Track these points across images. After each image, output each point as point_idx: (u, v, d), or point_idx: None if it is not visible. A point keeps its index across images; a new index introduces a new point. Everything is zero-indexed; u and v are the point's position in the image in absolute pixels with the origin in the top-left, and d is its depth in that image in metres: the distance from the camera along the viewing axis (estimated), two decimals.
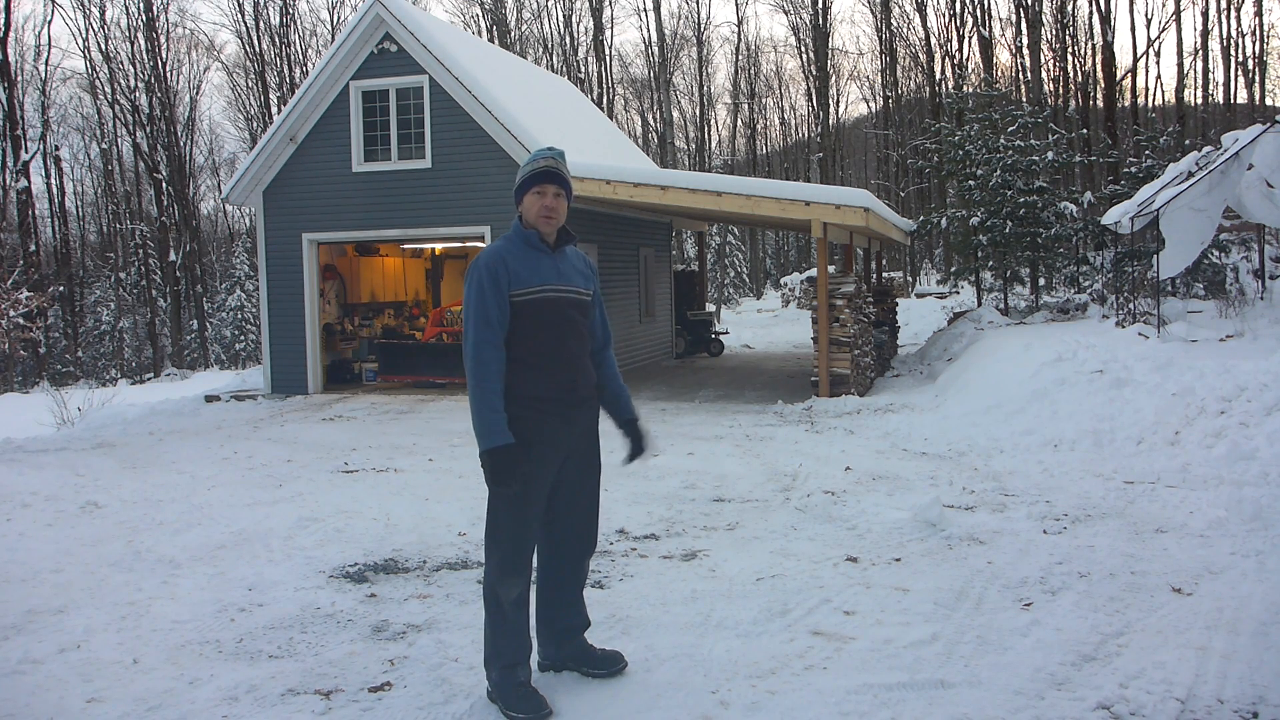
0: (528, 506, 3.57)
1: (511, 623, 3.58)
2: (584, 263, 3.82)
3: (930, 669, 3.84)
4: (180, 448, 9.96)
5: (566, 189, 3.69)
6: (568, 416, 3.60)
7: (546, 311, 3.56)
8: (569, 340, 3.62)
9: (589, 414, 3.73)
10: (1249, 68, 38.18)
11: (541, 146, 14.30)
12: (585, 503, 3.78)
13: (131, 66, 39.99)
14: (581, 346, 3.68)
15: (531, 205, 3.63)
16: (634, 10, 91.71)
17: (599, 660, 3.85)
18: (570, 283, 3.67)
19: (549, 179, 3.63)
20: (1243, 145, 10.65)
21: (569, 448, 3.65)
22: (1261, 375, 7.80)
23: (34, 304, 24.80)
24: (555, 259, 3.67)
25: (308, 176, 14.73)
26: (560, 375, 3.59)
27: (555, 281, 3.61)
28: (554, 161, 3.65)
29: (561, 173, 3.65)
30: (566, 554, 3.78)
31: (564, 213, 3.69)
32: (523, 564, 3.60)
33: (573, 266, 3.72)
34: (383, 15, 13.95)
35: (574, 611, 3.85)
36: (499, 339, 3.50)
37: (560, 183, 3.65)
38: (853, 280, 12.68)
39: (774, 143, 58.16)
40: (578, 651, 3.86)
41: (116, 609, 4.83)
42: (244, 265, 38.53)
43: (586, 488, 3.77)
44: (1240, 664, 3.77)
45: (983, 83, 33.96)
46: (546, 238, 3.66)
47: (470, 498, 7.15)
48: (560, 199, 3.66)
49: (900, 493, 6.93)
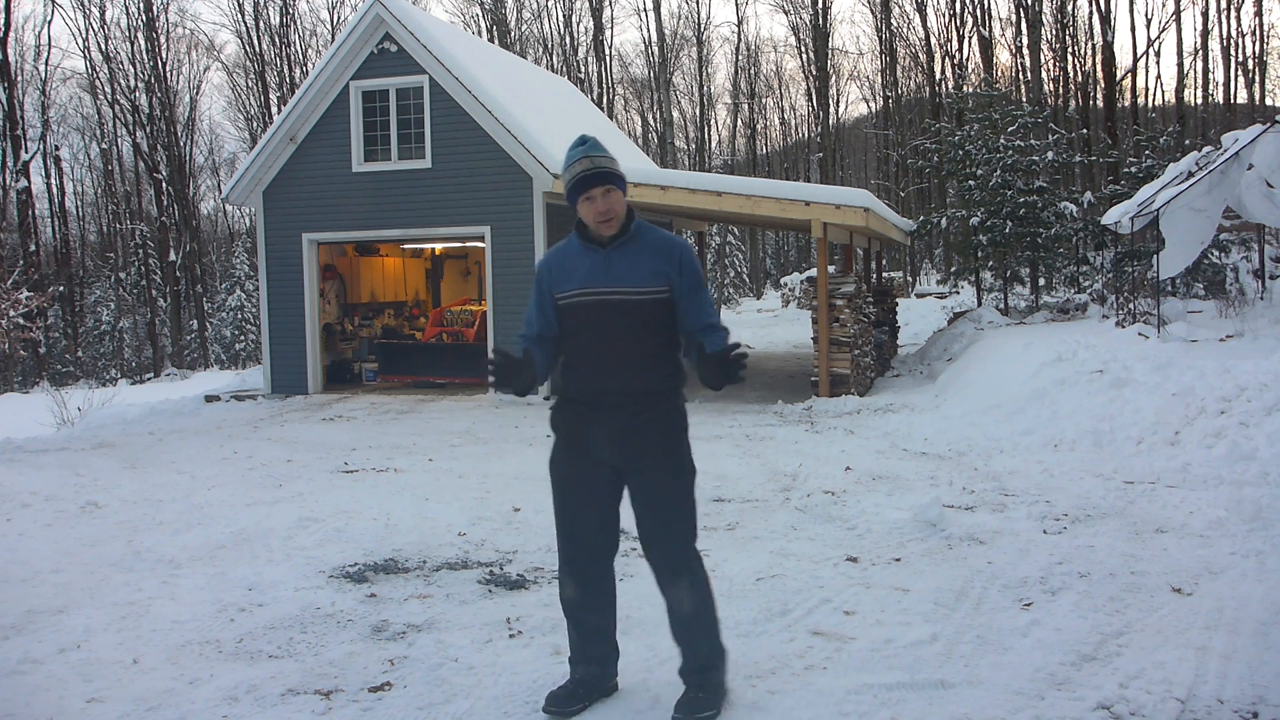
0: (566, 502, 3.54)
1: (570, 619, 3.61)
2: (660, 255, 3.44)
3: (930, 669, 3.84)
4: (180, 448, 9.96)
5: (615, 180, 3.40)
6: (596, 420, 3.45)
7: (582, 314, 3.44)
8: (607, 343, 3.42)
9: (628, 419, 3.42)
10: (1249, 68, 38.19)
11: (543, 144, 14.09)
12: (660, 521, 3.47)
13: (131, 66, 40.04)
14: (627, 348, 3.42)
15: (586, 213, 3.41)
16: (634, 10, 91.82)
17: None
18: (618, 283, 3.40)
19: (593, 182, 3.38)
20: (1243, 145, 10.65)
21: (617, 457, 3.45)
22: (1261, 375, 7.80)
23: (34, 304, 24.76)
24: (607, 257, 3.43)
25: (308, 176, 14.73)
26: (591, 378, 3.45)
27: (599, 284, 3.41)
28: (590, 160, 3.37)
29: (603, 169, 3.38)
30: (657, 580, 3.54)
31: (620, 206, 3.43)
32: (571, 566, 3.54)
33: (634, 263, 3.42)
34: (383, 15, 13.95)
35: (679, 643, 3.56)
36: (531, 336, 3.54)
37: (605, 180, 3.38)
38: (853, 280, 12.67)
39: (774, 143, 58.18)
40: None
41: (116, 609, 4.82)
42: (244, 265, 38.53)
43: (663, 504, 3.46)
44: (1240, 664, 3.77)
45: (983, 83, 33.94)
46: (601, 236, 3.45)
47: (470, 498, 7.16)
48: (612, 194, 3.40)
49: (900, 493, 6.93)
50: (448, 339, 15.42)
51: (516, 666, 3.98)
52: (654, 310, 3.43)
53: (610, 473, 3.49)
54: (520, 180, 13.57)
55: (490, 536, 6.09)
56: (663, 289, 3.42)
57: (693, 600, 3.48)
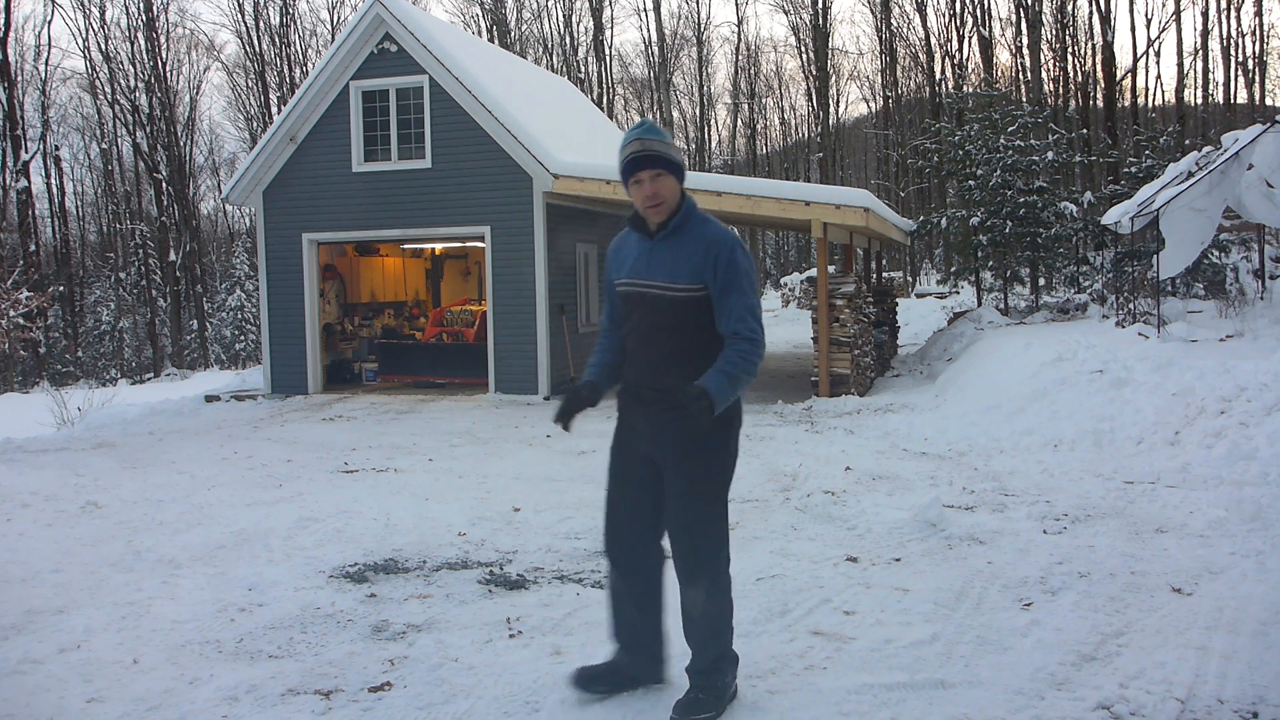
0: (609, 486, 3.59)
1: (610, 593, 3.63)
2: (700, 250, 3.32)
3: (930, 669, 3.84)
4: (180, 448, 9.96)
5: (666, 164, 3.30)
6: (638, 411, 3.47)
7: (627, 304, 3.47)
8: (642, 336, 3.41)
9: (658, 414, 3.38)
10: (1249, 68, 38.18)
11: (543, 144, 14.10)
12: (673, 523, 3.43)
13: (131, 66, 40.03)
14: (658, 344, 3.38)
15: (635, 197, 3.35)
16: (634, 10, 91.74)
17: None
18: (655, 277, 3.34)
19: (641, 165, 3.29)
20: (1243, 145, 10.65)
21: (652, 450, 3.44)
22: (1261, 375, 7.80)
23: (34, 304, 24.79)
24: (653, 247, 3.38)
25: (308, 176, 14.72)
26: (632, 368, 3.49)
27: (640, 275, 3.38)
28: (641, 142, 3.29)
29: (654, 152, 3.28)
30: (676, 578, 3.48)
31: (670, 193, 3.33)
32: (606, 549, 3.59)
33: (675, 256, 3.33)
34: (383, 15, 13.94)
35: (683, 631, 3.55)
36: (606, 318, 3.66)
37: (654, 163, 3.29)
38: (853, 280, 12.67)
39: (774, 143, 58.14)
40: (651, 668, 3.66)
41: (116, 609, 4.82)
42: (244, 265, 38.52)
43: (676, 506, 3.41)
44: (1240, 664, 3.78)
45: (983, 83, 33.96)
46: (652, 224, 3.40)
47: (470, 498, 7.16)
48: (661, 179, 3.30)
49: (900, 493, 6.93)
50: (448, 339, 15.42)
51: (516, 666, 3.98)
52: (686, 308, 3.32)
53: (650, 464, 3.48)
54: (520, 180, 13.57)
55: (490, 536, 6.09)
56: (698, 287, 3.31)
57: (706, 605, 3.40)
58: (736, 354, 3.25)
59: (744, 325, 3.28)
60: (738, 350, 3.25)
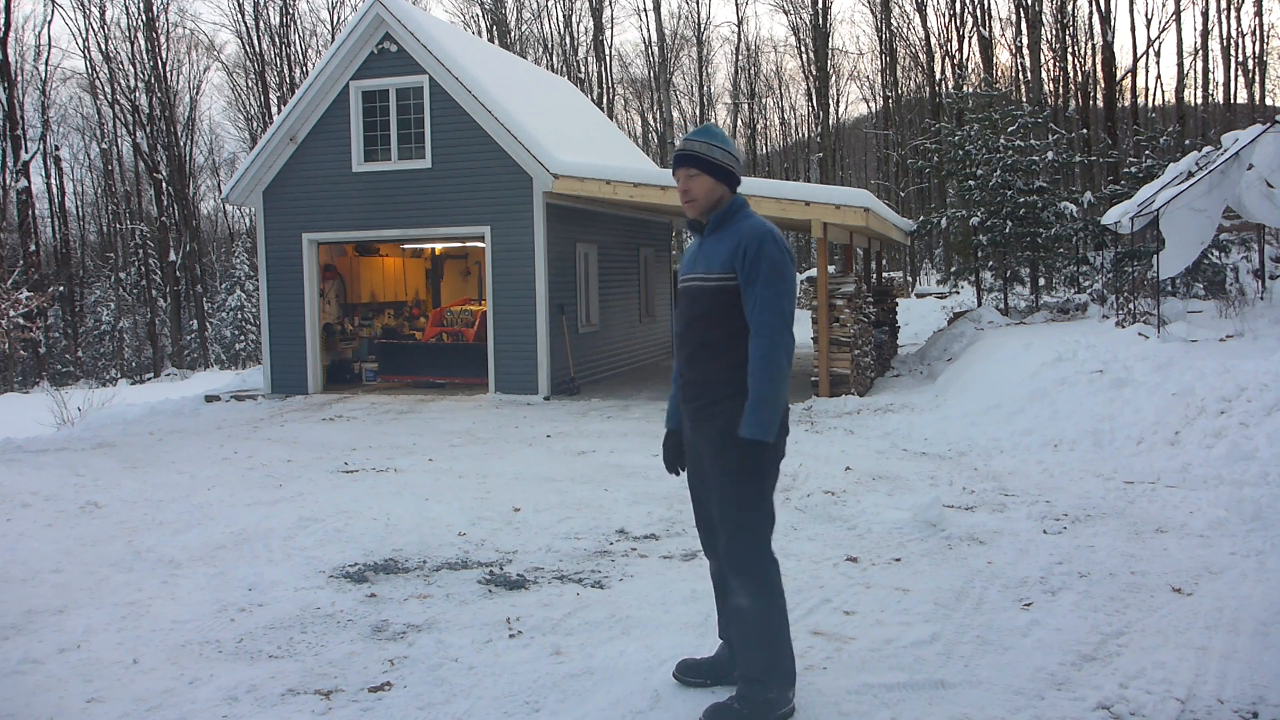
0: (688, 474, 3.66)
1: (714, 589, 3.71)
2: (735, 240, 3.37)
3: (930, 669, 3.84)
4: (180, 448, 9.96)
5: (701, 164, 3.41)
6: (684, 405, 3.54)
7: (678, 301, 3.59)
8: (682, 329, 3.49)
9: (694, 414, 3.46)
10: (1249, 68, 38.16)
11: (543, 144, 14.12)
12: (716, 515, 3.45)
13: (131, 66, 40.00)
14: (693, 336, 3.44)
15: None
16: (634, 10, 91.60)
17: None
18: (697, 269, 3.45)
19: (678, 164, 3.45)
20: (1243, 145, 10.65)
21: (697, 446, 3.50)
22: (1261, 375, 7.80)
23: (34, 304, 24.77)
24: (702, 244, 3.50)
25: (308, 176, 14.72)
26: (676, 361, 3.59)
27: (688, 269, 3.53)
28: (683, 143, 3.45)
29: (691, 152, 3.41)
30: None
31: (701, 191, 3.44)
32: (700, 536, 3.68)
33: (716, 249, 3.41)
34: (383, 15, 13.94)
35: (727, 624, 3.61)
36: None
37: (685, 162, 3.42)
38: (853, 280, 12.68)
39: (774, 143, 58.10)
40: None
41: (116, 609, 4.82)
42: (244, 265, 38.54)
43: (715, 505, 3.44)
44: (1240, 664, 3.78)
45: (983, 83, 33.96)
46: (696, 222, 3.52)
47: (470, 498, 7.16)
48: (694, 179, 3.43)
49: (900, 493, 6.93)
50: (448, 339, 15.42)
51: (516, 666, 3.98)
52: (718, 297, 3.36)
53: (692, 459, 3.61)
54: (520, 180, 13.56)
55: (490, 536, 6.09)
56: (729, 275, 3.34)
57: (749, 605, 3.35)
58: (757, 363, 3.26)
59: (761, 320, 3.28)
60: (758, 356, 3.26)
